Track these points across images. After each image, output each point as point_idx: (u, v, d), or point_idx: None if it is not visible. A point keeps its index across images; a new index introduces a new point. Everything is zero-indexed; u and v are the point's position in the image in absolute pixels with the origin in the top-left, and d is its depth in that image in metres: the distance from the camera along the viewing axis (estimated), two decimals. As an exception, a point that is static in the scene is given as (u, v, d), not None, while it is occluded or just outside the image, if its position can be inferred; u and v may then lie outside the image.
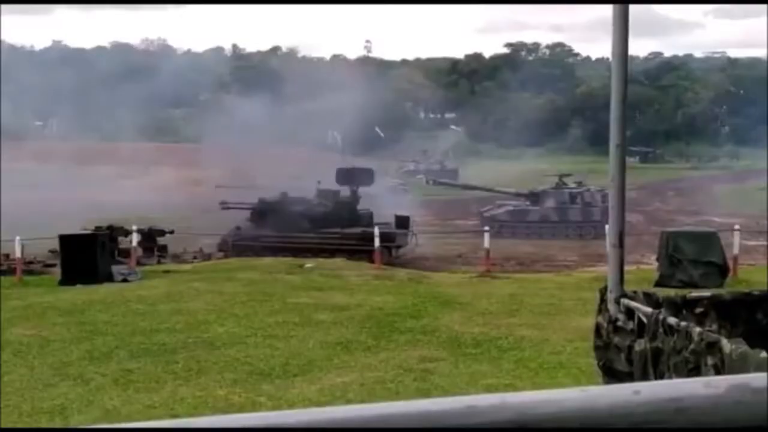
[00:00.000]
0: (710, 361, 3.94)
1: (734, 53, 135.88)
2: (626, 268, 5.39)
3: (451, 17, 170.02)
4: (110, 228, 22.26)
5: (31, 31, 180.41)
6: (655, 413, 0.81)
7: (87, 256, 17.65)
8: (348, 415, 0.78)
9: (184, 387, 9.60)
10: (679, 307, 4.93)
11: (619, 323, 4.96)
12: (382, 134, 64.85)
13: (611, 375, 5.01)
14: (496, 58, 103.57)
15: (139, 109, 68.33)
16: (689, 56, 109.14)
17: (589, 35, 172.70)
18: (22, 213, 27.15)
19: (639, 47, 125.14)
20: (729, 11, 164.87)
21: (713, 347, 3.95)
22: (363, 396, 9.04)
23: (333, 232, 26.18)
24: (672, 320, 4.43)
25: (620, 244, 4.98)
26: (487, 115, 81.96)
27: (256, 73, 64.73)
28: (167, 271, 19.41)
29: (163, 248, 25.53)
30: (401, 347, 11.32)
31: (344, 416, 0.78)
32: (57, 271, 18.61)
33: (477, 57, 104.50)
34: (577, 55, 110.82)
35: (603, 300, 5.17)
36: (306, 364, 10.45)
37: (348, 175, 28.27)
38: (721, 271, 16.65)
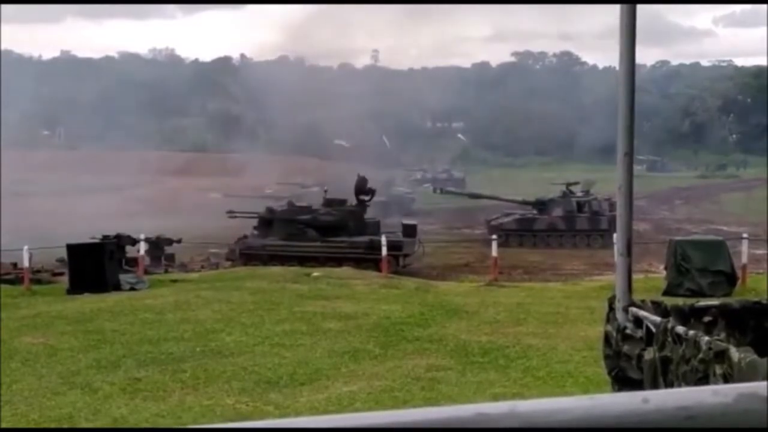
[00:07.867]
0: (719, 370, 3.92)
1: (743, 62, 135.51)
2: (634, 277, 5.37)
3: (458, 26, 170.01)
4: (118, 237, 22.29)
5: (39, 41, 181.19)
6: (664, 422, 0.81)
7: (95, 265, 17.66)
8: (355, 423, 0.78)
9: (192, 396, 9.60)
10: (687, 315, 4.90)
11: (628, 331, 4.94)
12: (388, 143, 64.96)
13: (624, 383, 4.99)
14: (503, 67, 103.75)
15: (146, 118, 68.62)
16: (696, 65, 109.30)
17: (597, 44, 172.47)
18: (29, 222, 27.24)
19: (646, 56, 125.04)
20: (740, 19, 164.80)
21: (722, 356, 3.93)
22: (370, 405, 9.02)
23: (340, 240, 26.18)
24: (680, 329, 4.41)
25: (628, 252, 4.97)
26: (494, 124, 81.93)
27: (263, 81, 64.96)
28: (175, 280, 19.41)
29: (171, 257, 25.55)
30: (409, 356, 11.30)
31: (352, 424, 0.78)
32: (65, 280, 18.62)
33: (484, 66, 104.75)
34: (584, 63, 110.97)
35: (611, 309, 5.15)
36: (313, 373, 10.43)
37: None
38: (729, 279, 16.58)
